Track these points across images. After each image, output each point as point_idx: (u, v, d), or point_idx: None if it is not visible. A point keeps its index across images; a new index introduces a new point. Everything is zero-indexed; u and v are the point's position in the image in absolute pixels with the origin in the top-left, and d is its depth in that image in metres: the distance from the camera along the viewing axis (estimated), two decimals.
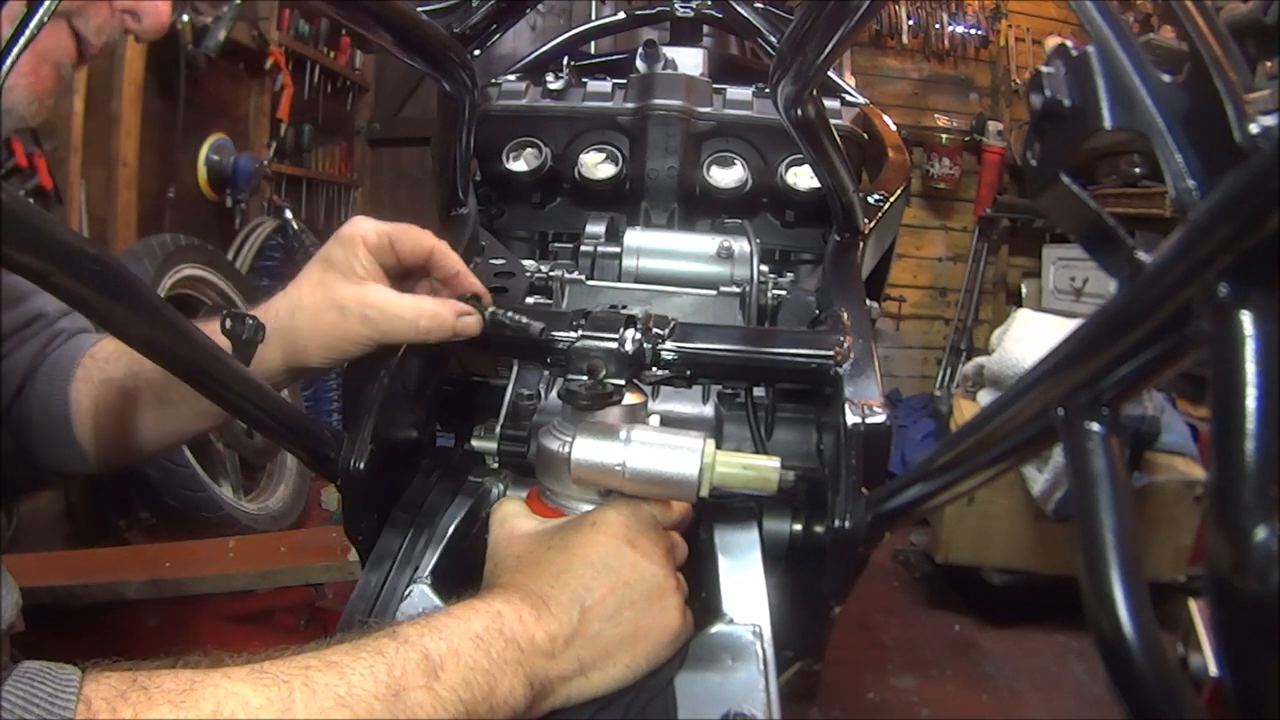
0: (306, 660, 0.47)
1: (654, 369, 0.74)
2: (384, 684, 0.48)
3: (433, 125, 0.98)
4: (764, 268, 1.00)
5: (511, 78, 1.20)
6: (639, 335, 0.72)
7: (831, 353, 0.76)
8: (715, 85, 1.15)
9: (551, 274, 0.98)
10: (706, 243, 1.00)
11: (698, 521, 0.71)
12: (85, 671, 0.42)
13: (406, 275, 0.77)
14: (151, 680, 0.43)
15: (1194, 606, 1.47)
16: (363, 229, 0.73)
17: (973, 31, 4.50)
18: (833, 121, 0.84)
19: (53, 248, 0.45)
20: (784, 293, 0.97)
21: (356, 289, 0.72)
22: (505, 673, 0.52)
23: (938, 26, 4.48)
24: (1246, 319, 0.27)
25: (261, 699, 0.44)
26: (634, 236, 1.01)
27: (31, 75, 0.69)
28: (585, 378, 0.67)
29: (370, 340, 0.73)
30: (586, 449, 0.63)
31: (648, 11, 1.51)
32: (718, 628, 0.64)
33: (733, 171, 1.10)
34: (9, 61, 0.46)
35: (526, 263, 1.03)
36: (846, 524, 0.65)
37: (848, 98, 1.30)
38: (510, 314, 0.74)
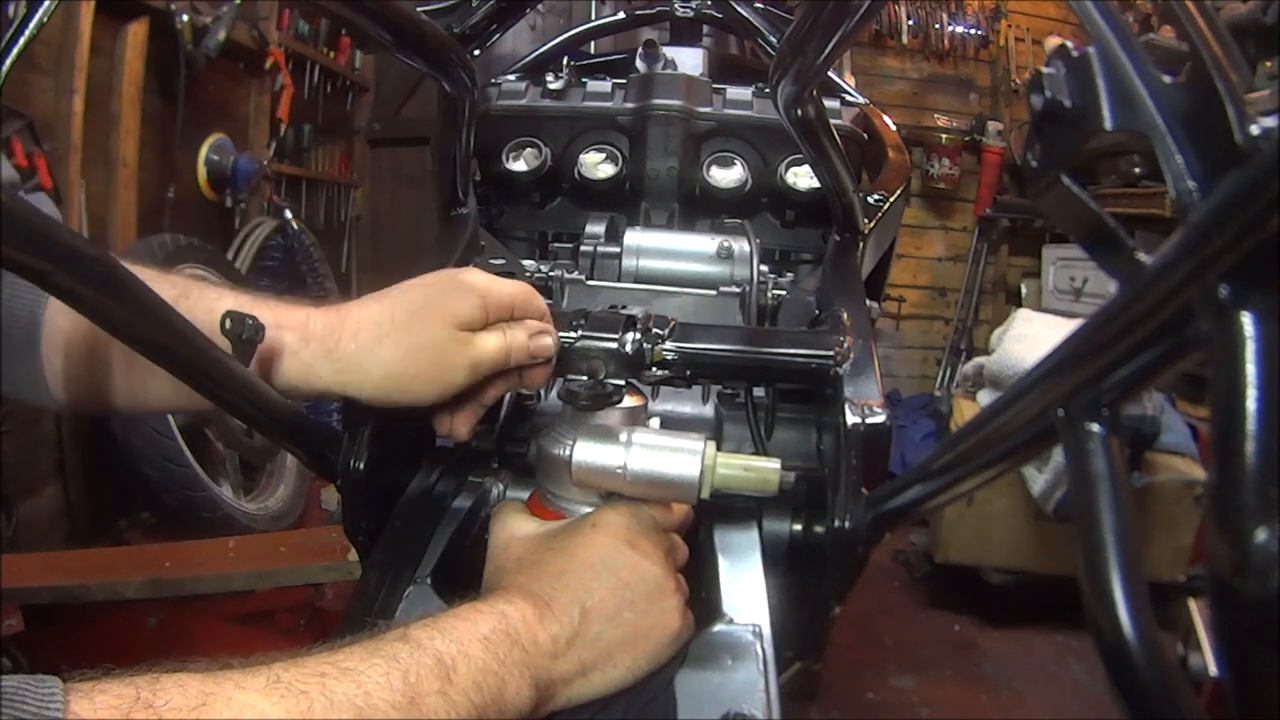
0: (321, 667, 0.46)
1: (654, 369, 0.74)
2: (400, 690, 0.47)
3: (433, 125, 0.97)
4: (764, 268, 1.00)
5: (511, 78, 1.20)
6: (639, 335, 0.72)
7: (831, 353, 0.76)
8: (715, 85, 1.15)
9: (551, 274, 0.98)
10: (706, 243, 1.00)
11: (698, 522, 0.71)
12: (76, 682, 0.37)
13: None
14: (157, 696, 0.39)
15: (1194, 606, 1.47)
16: (490, 285, 0.67)
17: (973, 31, 4.50)
18: (833, 121, 0.84)
19: (53, 248, 0.45)
20: (784, 293, 0.98)
21: (463, 337, 0.66)
22: (513, 674, 0.52)
23: (937, 26, 4.48)
24: (1247, 320, 0.27)
25: (280, 711, 0.43)
26: (634, 236, 1.01)
27: None
28: (585, 378, 0.67)
29: (459, 387, 0.67)
30: (587, 452, 0.63)
31: (648, 11, 1.52)
32: (718, 628, 0.63)
33: (733, 171, 1.10)
34: (9, 60, 0.46)
35: (526, 262, 1.02)
36: (846, 524, 0.65)
37: (848, 98, 1.30)
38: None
